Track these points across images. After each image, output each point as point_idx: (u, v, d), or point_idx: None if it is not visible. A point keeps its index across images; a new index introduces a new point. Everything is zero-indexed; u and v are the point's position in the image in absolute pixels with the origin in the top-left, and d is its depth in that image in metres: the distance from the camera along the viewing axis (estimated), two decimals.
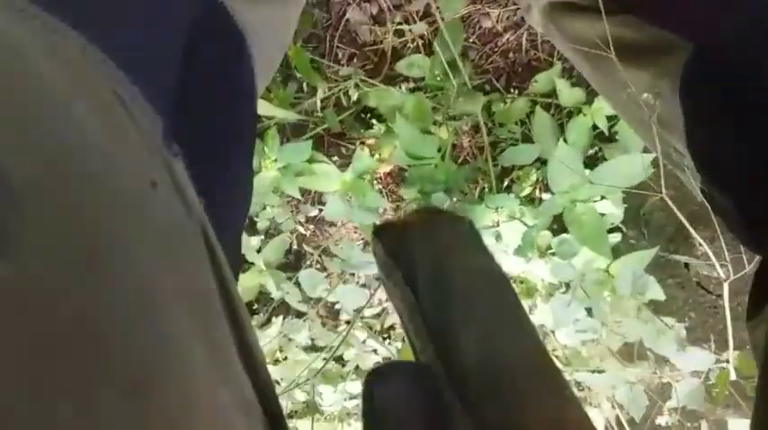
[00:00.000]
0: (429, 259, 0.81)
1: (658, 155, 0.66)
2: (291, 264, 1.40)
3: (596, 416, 1.33)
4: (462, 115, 1.14)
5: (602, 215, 1.22)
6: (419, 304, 0.78)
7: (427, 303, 0.76)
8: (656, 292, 1.21)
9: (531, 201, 1.38)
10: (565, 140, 1.19)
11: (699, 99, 0.51)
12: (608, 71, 0.68)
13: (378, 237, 0.89)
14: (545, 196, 1.35)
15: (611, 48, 0.65)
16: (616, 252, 1.39)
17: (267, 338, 1.36)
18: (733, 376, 1.05)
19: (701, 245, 1.29)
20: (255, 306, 1.49)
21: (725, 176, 0.51)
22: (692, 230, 0.91)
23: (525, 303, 1.32)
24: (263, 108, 1.01)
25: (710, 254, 0.89)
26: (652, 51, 0.57)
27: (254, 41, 0.48)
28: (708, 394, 1.17)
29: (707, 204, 0.59)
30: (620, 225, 1.40)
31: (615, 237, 1.37)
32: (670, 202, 0.82)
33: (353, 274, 1.36)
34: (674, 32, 0.55)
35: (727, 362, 1.06)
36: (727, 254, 0.89)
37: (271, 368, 1.36)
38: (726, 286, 0.93)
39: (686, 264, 1.31)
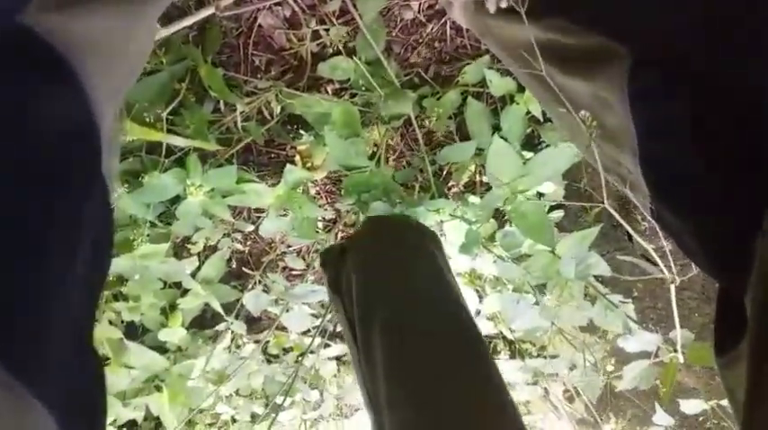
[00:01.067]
0: (362, 296, 0.77)
1: (600, 170, 0.63)
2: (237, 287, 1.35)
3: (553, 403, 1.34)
4: (394, 117, 1.09)
5: (543, 195, 1.20)
6: (356, 341, 0.75)
7: (361, 343, 0.74)
8: (602, 268, 1.20)
9: (472, 185, 1.36)
10: (500, 130, 1.15)
11: (651, 111, 0.47)
12: (541, 79, 0.64)
13: (323, 268, 0.84)
14: (485, 179, 1.32)
15: (539, 57, 0.61)
16: (561, 229, 1.38)
17: (216, 355, 1.32)
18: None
19: (642, 220, 1.29)
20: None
21: (680, 198, 0.48)
22: (640, 240, 0.90)
23: (472, 291, 1.30)
24: (179, 140, 0.94)
25: (657, 259, 0.87)
26: (592, 58, 0.52)
27: (86, 60, 0.42)
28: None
29: (653, 223, 0.56)
30: (562, 201, 1.39)
31: (558, 214, 1.36)
32: (614, 212, 0.80)
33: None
34: (610, 39, 0.50)
35: (675, 350, 1.06)
36: (671, 258, 0.88)
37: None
38: (672, 288, 0.92)
39: (629, 237, 1.31)
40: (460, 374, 0.66)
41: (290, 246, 1.38)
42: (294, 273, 1.39)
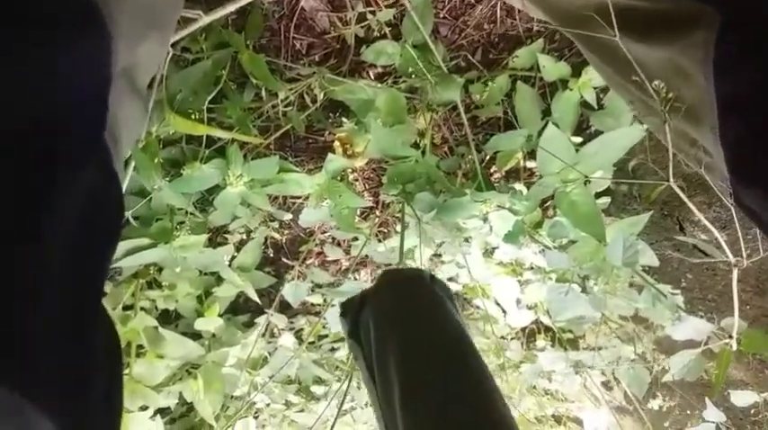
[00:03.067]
0: (378, 344, 0.76)
1: (669, 147, 0.58)
2: (271, 273, 1.32)
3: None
4: (440, 104, 1.04)
5: (589, 182, 1.15)
6: (375, 385, 0.73)
7: (379, 385, 0.72)
8: (650, 258, 1.16)
9: (515, 171, 1.31)
10: (549, 116, 1.10)
11: (738, 80, 0.42)
12: (608, 49, 0.58)
13: (343, 317, 0.84)
14: (530, 164, 1.27)
15: (614, 22, 0.55)
16: (607, 214, 1.34)
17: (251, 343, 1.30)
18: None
19: (698, 210, 1.24)
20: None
21: (765, 179, 0.43)
22: (702, 217, 0.83)
23: (515, 280, 1.27)
24: (221, 133, 0.90)
25: (719, 237, 0.81)
26: (671, 22, 0.47)
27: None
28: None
29: (730, 205, 0.51)
30: (610, 188, 1.34)
31: (606, 200, 1.31)
32: (679, 191, 0.74)
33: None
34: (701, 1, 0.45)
35: (730, 337, 1.02)
36: (726, 249, 0.82)
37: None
38: (735, 272, 0.87)
39: (681, 226, 1.26)
40: (465, 404, 0.70)
41: (325, 232, 1.35)
42: (330, 259, 1.36)
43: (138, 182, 0.93)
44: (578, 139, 1.19)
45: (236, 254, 1.22)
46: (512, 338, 1.50)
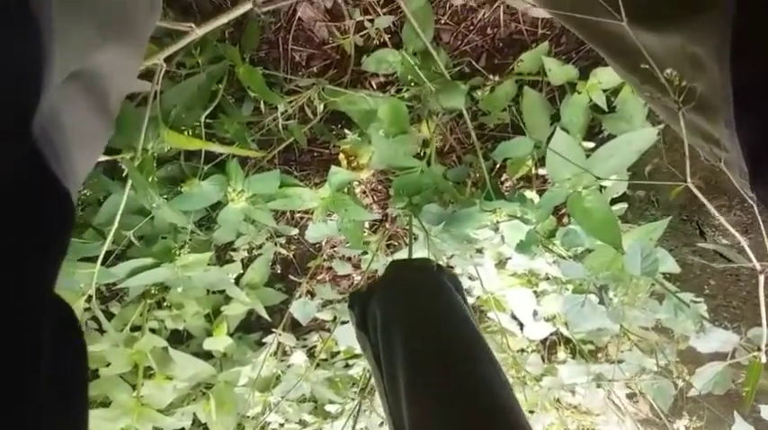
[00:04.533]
0: (385, 334, 0.74)
1: (685, 143, 0.54)
2: (282, 289, 1.30)
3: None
4: (445, 112, 1.01)
5: (604, 188, 1.11)
6: (382, 376, 0.71)
7: (385, 375, 0.70)
8: (671, 266, 1.11)
9: (527, 179, 1.27)
10: (558, 121, 1.07)
11: (755, 70, 0.39)
12: (612, 42, 0.54)
13: (351, 309, 0.83)
14: (541, 171, 1.23)
15: (621, 7, 0.51)
16: (624, 220, 1.29)
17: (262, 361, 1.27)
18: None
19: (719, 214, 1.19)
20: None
21: None
22: (721, 219, 0.79)
23: (530, 291, 1.23)
24: (219, 148, 0.88)
25: (742, 241, 0.76)
26: (680, 6, 0.44)
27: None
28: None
29: (753, 203, 0.47)
30: (626, 193, 1.30)
31: (622, 206, 1.27)
32: (696, 191, 0.70)
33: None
34: None
35: (758, 349, 0.97)
36: (751, 253, 0.78)
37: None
38: (761, 279, 0.82)
39: (702, 232, 1.21)
40: (470, 397, 0.70)
41: (334, 247, 1.32)
42: (340, 273, 1.33)
43: (137, 201, 0.92)
44: (590, 144, 1.15)
45: (243, 271, 1.20)
46: (532, 351, 1.46)
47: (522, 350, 1.41)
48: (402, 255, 1.16)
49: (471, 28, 1.05)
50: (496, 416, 0.67)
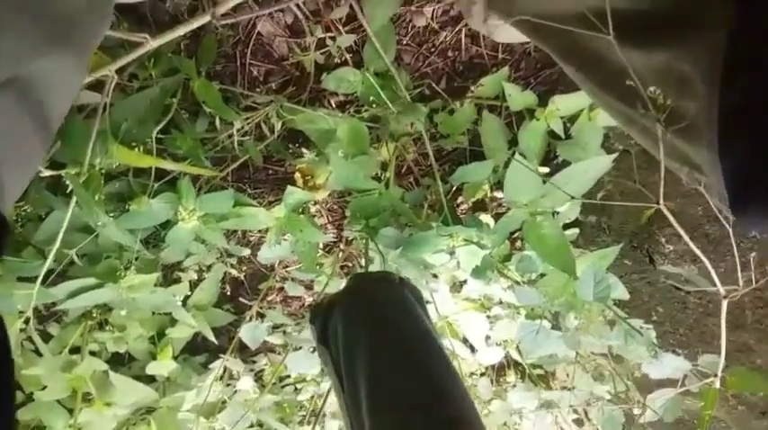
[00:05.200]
0: (346, 346, 0.74)
1: (661, 165, 0.52)
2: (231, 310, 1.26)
3: None
4: (404, 134, 1.00)
5: (558, 213, 1.12)
6: (343, 389, 0.71)
7: (347, 389, 0.69)
8: (621, 292, 1.12)
9: (482, 202, 1.27)
10: (515, 145, 1.07)
11: (744, 94, 0.37)
12: (590, 60, 0.53)
13: (311, 323, 0.82)
14: (497, 194, 1.24)
15: (609, 23, 0.50)
16: (575, 247, 1.31)
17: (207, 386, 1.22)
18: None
19: (667, 242, 1.21)
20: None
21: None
22: (696, 251, 0.78)
23: (483, 316, 1.22)
24: (171, 165, 0.85)
25: (714, 274, 0.75)
26: (671, 25, 0.43)
27: None
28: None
29: (726, 224, 0.46)
30: (578, 219, 1.32)
31: (574, 232, 1.28)
32: (669, 214, 0.69)
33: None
34: None
35: (714, 375, 0.98)
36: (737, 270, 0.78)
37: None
38: (724, 304, 0.82)
39: (651, 260, 1.23)
40: (433, 407, 0.70)
41: (287, 267, 1.29)
42: (293, 295, 1.30)
43: (81, 217, 0.87)
44: (545, 169, 1.16)
45: (191, 292, 1.16)
46: (481, 374, 1.45)
47: (473, 373, 1.41)
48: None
49: (433, 50, 1.04)
50: (457, 427, 0.68)
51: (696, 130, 0.42)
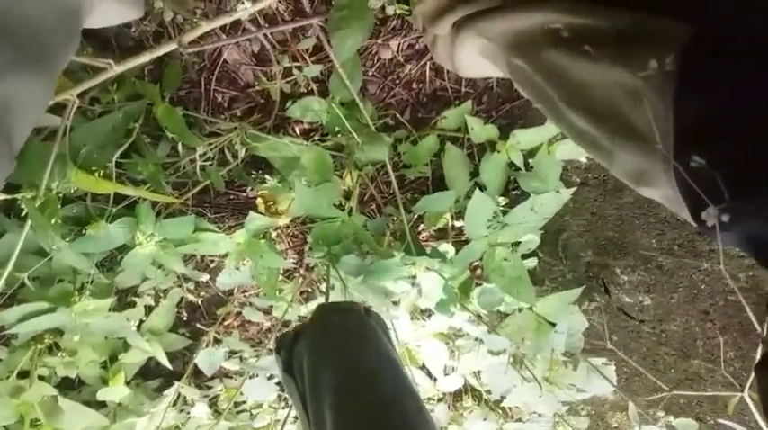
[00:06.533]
0: (312, 376, 0.74)
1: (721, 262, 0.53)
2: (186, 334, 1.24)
3: None
4: (368, 163, 1.01)
5: (518, 244, 1.14)
6: (309, 420, 0.71)
7: (312, 419, 0.70)
8: (579, 323, 1.15)
9: (443, 231, 1.28)
10: (477, 184, 1.08)
11: (703, 104, 0.38)
12: (548, 75, 0.54)
13: (277, 353, 0.81)
14: (458, 223, 1.25)
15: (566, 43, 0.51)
16: (533, 277, 1.32)
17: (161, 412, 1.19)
18: None
19: (621, 273, 1.24)
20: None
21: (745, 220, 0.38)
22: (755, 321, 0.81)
23: (444, 345, 1.23)
24: (130, 190, 0.83)
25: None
26: (626, 41, 0.44)
27: None
28: None
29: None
30: (536, 249, 1.34)
31: (532, 262, 1.30)
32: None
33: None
34: (659, 13, 0.41)
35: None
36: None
37: None
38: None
39: (606, 289, 1.26)
40: None
41: (245, 291, 1.27)
42: (251, 320, 1.28)
43: (35, 241, 0.85)
44: (504, 200, 1.18)
45: (145, 318, 1.13)
46: (438, 400, 1.46)
47: (430, 398, 1.41)
48: (318, 303, 1.14)
49: (398, 81, 1.05)
50: None
51: (651, 143, 0.42)
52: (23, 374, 1.09)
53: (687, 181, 0.39)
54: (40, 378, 1.11)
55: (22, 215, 0.80)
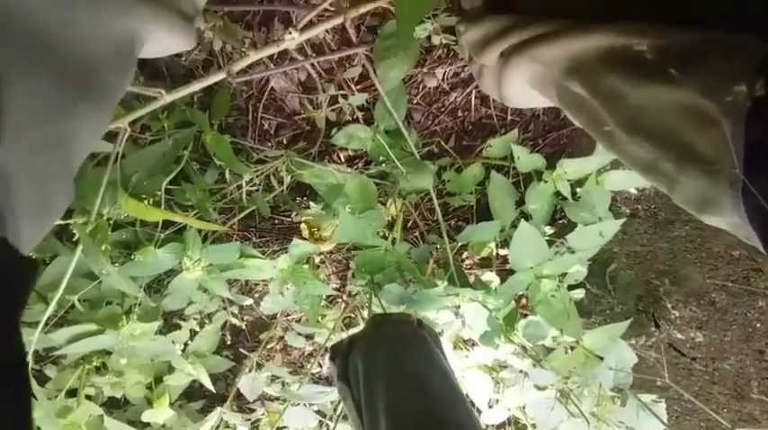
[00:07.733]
0: (366, 385, 0.74)
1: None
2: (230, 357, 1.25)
3: None
4: (412, 191, 1.00)
5: (565, 275, 1.11)
6: (363, 426, 0.70)
7: (366, 423, 0.69)
8: (630, 357, 1.11)
9: (488, 259, 1.27)
10: (523, 213, 1.07)
11: None
12: (617, 95, 0.52)
13: (332, 361, 0.82)
14: (502, 251, 1.23)
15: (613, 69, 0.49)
16: (580, 309, 1.29)
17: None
18: None
19: (673, 308, 1.20)
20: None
21: None
22: None
23: (488, 377, 1.20)
24: (178, 218, 0.85)
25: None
26: (691, 57, 0.42)
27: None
28: None
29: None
30: (584, 280, 1.31)
31: (579, 293, 1.27)
32: None
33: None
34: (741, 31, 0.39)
35: None
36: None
37: None
38: None
39: (657, 324, 1.22)
40: None
41: (288, 316, 1.28)
42: (294, 347, 1.28)
43: (85, 264, 0.87)
44: (551, 230, 1.16)
45: (190, 341, 1.15)
46: None
47: None
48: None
49: (442, 109, 1.05)
50: None
51: (717, 168, 0.41)
52: (71, 393, 1.11)
53: (755, 208, 0.37)
54: (87, 397, 1.13)
55: (74, 239, 0.82)
